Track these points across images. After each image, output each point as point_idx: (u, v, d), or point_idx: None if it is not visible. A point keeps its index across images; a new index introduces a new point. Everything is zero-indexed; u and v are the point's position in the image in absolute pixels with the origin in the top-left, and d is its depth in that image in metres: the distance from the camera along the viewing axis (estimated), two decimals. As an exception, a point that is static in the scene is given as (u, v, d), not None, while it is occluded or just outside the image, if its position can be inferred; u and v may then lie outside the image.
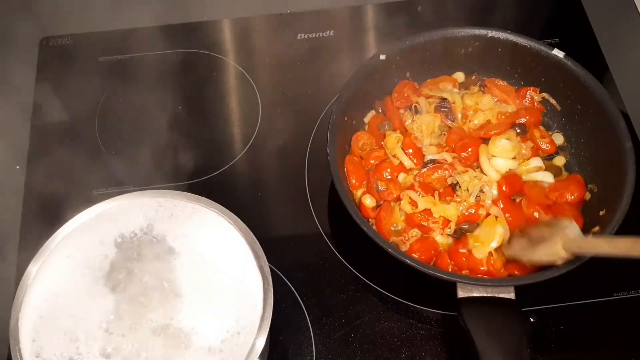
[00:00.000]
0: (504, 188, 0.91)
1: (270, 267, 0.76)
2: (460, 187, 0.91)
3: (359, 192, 0.93)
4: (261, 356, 0.71)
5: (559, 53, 0.95)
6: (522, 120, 0.97)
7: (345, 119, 0.94)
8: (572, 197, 0.91)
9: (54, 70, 1.12)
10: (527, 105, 0.99)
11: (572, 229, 0.80)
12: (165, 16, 1.17)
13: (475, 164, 0.94)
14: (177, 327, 0.72)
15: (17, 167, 1.02)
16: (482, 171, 0.93)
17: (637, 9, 1.19)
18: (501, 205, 0.89)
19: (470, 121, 0.98)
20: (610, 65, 1.11)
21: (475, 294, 0.80)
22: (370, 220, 0.91)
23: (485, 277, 0.85)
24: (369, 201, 0.91)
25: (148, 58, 1.13)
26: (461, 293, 0.80)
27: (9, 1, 1.19)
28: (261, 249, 0.77)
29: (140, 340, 0.71)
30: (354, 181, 0.93)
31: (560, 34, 1.14)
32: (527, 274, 0.84)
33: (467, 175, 0.91)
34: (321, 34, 1.16)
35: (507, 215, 0.89)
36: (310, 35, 1.16)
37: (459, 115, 0.98)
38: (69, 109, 1.07)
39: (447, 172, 0.92)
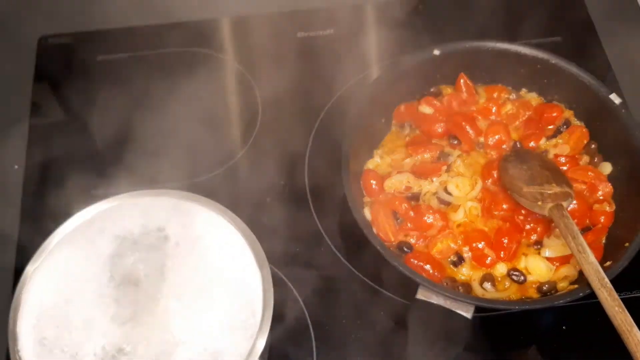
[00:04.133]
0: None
1: (270, 267, 0.76)
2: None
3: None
4: (261, 356, 0.71)
5: (615, 99, 0.92)
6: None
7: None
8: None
9: (53, 69, 1.12)
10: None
11: (570, 201, 0.85)
12: (165, 14, 1.17)
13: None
14: (177, 327, 0.72)
15: (16, 167, 1.02)
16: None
17: (639, 7, 1.18)
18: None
19: None
20: (612, 63, 1.11)
21: (433, 301, 0.79)
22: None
23: (450, 289, 0.83)
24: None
25: (147, 57, 1.13)
26: (420, 295, 0.80)
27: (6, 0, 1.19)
28: (261, 249, 0.77)
29: (140, 339, 0.71)
30: (374, 186, 0.92)
31: (562, 33, 1.14)
32: (509, 301, 0.85)
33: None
34: (321, 32, 1.16)
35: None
36: (310, 34, 1.16)
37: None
38: (67, 108, 1.06)
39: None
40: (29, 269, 0.76)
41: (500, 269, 0.87)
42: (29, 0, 1.18)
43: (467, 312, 0.79)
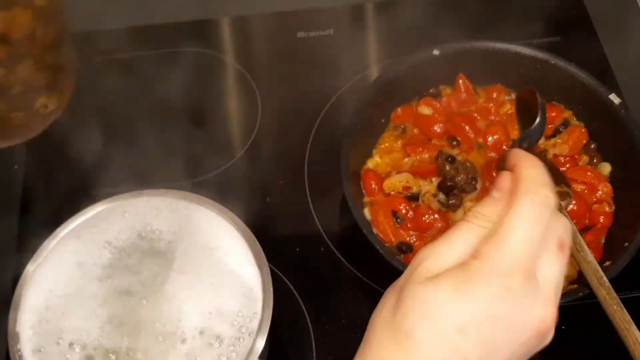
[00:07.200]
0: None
1: (270, 267, 0.76)
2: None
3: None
4: (261, 356, 0.71)
5: (615, 99, 0.92)
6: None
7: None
8: None
9: (52, 69, 1.12)
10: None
11: (568, 201, 0.86)
12: (164, 15, 1.17)
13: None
14: (176, 328, 0.72)
15: (16, 166, 1.02)
16: None
17: (639, 7, 1.18)
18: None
19: None
20: (612, 63, 1.11)
21: None
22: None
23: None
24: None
25: (147, 57, 1.13)
26: None
27: (6, 0, 1.18)
28: (261, 249, 0.77)
29: (138, 340, 0.71)
30: (373, 186, 0.92)
31: (562, 33, 1.14)
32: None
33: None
34: (321, 32, 1.16)
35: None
36: (310, 34, 1.16)
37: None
38: (67, 108, 1.06)
39: None
40: (29, 268, 0.76)
41: None
42: (28, 0, 1.18)
43: None
